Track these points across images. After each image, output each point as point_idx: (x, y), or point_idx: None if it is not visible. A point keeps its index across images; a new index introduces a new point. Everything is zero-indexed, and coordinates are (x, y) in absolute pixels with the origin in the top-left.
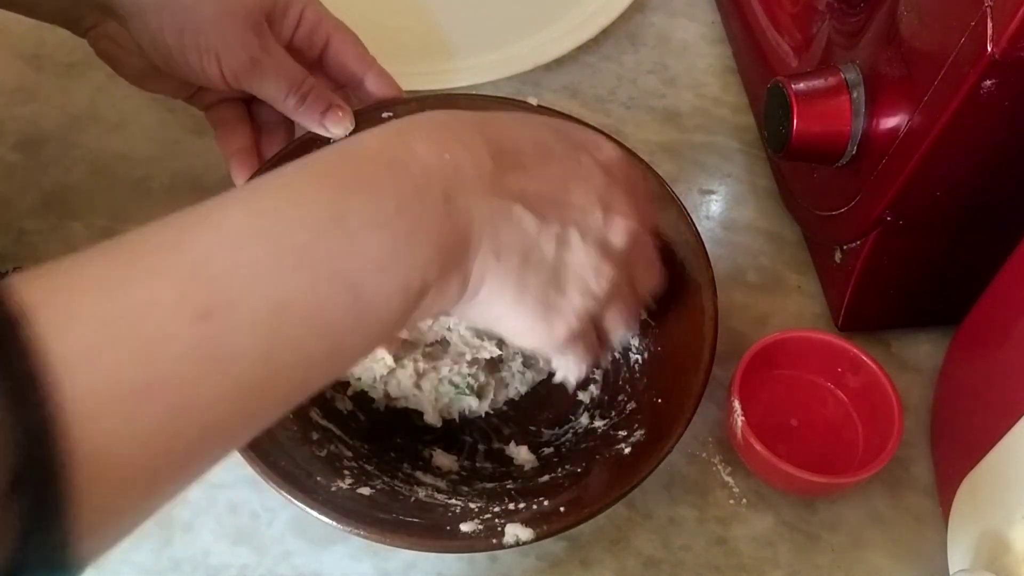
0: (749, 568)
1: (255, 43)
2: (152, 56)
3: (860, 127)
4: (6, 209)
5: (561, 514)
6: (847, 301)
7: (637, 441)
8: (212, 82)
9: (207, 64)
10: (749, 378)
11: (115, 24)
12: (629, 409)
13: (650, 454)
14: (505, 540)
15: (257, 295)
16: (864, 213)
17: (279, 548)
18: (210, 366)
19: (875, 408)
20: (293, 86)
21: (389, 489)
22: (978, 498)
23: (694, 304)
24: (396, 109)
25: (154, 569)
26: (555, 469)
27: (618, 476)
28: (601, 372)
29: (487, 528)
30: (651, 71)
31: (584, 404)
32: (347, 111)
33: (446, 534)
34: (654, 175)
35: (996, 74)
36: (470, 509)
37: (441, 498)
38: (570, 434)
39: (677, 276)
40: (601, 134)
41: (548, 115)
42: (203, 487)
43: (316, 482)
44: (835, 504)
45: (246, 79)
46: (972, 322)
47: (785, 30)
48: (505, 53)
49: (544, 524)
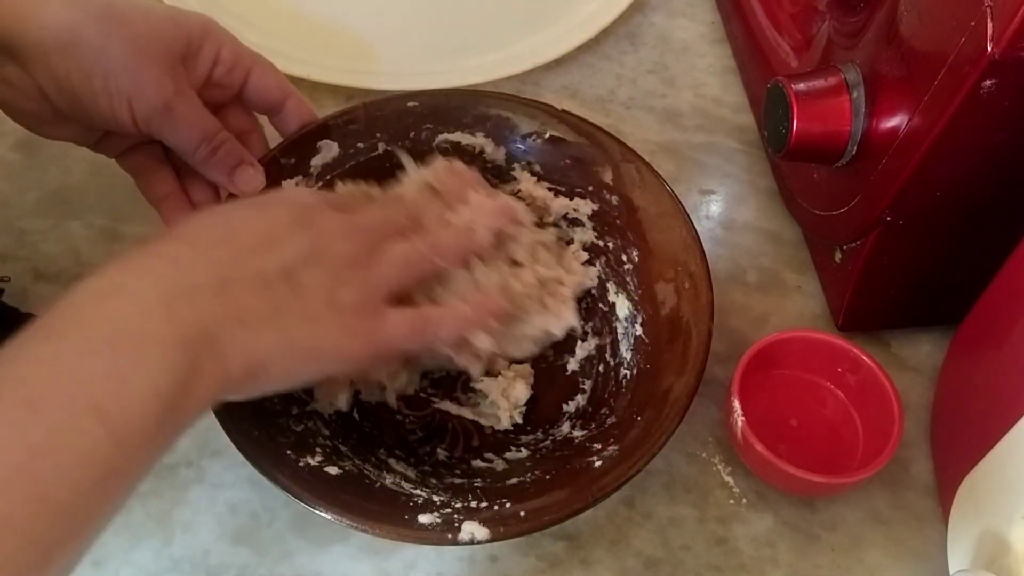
0: (749, 568)
1: (169, 87)
2: (56, 101)
3: (860, 127)
4: (6, 209)
5: (520, 519)
6: (847, 301)
7: (609, 456)
8: (122, 127)
9: (118, 109)
10: (749, 378)
11: (13, 67)
12: (609, 423)
13: (619, 471)
14: (460, 536)
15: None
16: (864, 213)
17: (279, 548)
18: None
19: (875, 408)
20: (205, 137)
21: (357, 472)
22: (978, 498)
23: (686, 327)
24: (420, 98)
25: (154, 569)
26: (525, 473)
27: (584, 489)
28: (590, 383)
29: (445, 522)
30: (651, 71)
31: (569, 413)
32: (258, 168)
33: (403, 522)
34: (655, 175)
35: (996, 74)
36: (433, 501)
37: (407, 487)
38: (549, 441)
39: (680, 294)
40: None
41: (570, 119)
42: (203, 487)
43: (285, 455)
44: (835, 504)
45: (157, 125)
46: (972, 322)
47: (785, 30)
48: (505, 53)
49: (502, 526)
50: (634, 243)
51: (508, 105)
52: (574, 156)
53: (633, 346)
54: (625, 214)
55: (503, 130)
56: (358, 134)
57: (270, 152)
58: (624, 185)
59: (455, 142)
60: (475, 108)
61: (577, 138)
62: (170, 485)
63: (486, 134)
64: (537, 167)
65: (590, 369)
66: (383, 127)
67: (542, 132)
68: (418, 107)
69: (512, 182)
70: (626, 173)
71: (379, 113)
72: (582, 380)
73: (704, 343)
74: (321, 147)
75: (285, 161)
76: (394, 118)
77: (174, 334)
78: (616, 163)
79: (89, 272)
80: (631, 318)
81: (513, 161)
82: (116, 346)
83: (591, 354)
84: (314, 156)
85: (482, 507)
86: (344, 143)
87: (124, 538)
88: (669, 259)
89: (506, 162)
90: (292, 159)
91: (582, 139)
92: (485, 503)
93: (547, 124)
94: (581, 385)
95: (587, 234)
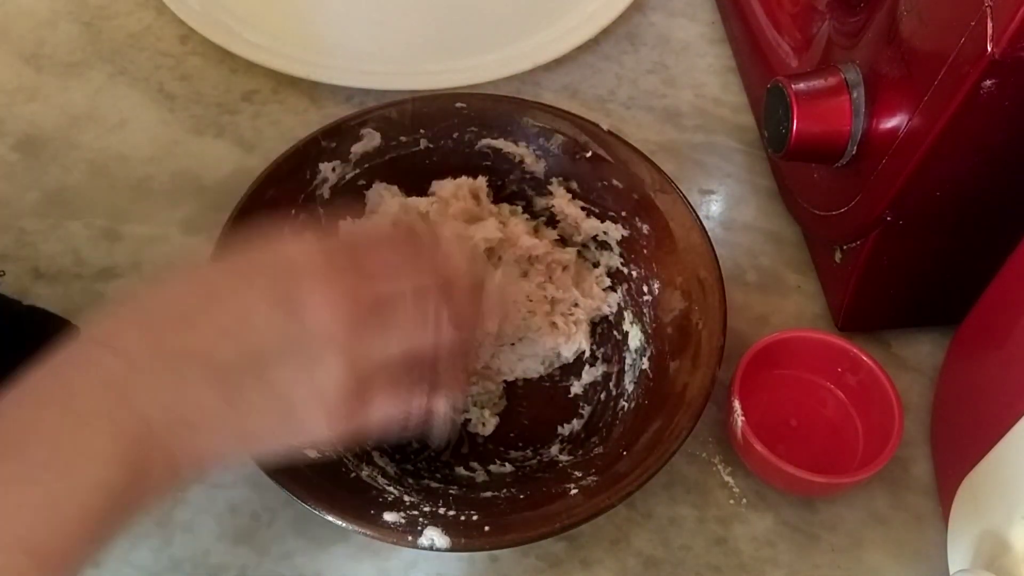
0: (749, 568)
1: None
2: None
3: (860, 127)
4: (6, 209)
5: (484, 533)
6: (847, 301)
7: (586, 486)
8: None
9: None
10: (749, 378)
11: None
12: (595, 452)
13: (593, 503)
14: (420, 541)
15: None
16: (864, 213)
17: (279, 548)
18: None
19: (875, 408)
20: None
21: (336, 459)
22: (978, 498)
23: (686, 369)
24: (467, 100)
25: (154, 569)
26: (501, 489)
27: (554, 516)
28: (590, 408)
29: (409, 523)
30: (651, 71)
31: (562, 436)
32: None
33: (367, 516)
34: (660, 173)
35: (996, 74)
36: (402, 501)
37: (381, 482)
38: (535, 460)
39: (684, 329)
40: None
41: (613, 140)
42: (203, 487)
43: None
44: (835, 504)
45: None
46: (972, 322)
47: (785, 30)
48: (505, 53)
49: (464, 537)
50: (657, 275)
51: (555, 119)
52: (612, 178)
53: (637, 379)
54: (653, 244)
55: (546, 143)
56: (402, 127)
57: (313, 133)
58: (658, 215)
59: (497, 148)
60: (521, 117)
61: (618, 161)
62: None
63: (528, 144)
64: (574, 184)
65: (592, 395)
66: (428, 124)
67: (584, 150)
68: (465, 109)
69: (547, 196)
70: (661, 203)
71: (426, 110)
72: (582, 405)
73: (705, 389)
74: (364, 135)
75: (326, 144)
76: (440, 117)
77: (113, 449)
78: (654, 192)
79: (42, 358)
80: (641, 350)
81: (551, 175)
82: (50, 469)
83: (596, 380)
84: (356, 143)
85: (449, 515)
86: (387, 134)
87: (124, 539)
88: (686, 293)
89: (544, 175)
90: (333, 143)
91: (623, 163)
92: (453, 512)
93: (591, 142)
94: (580, 410)
95: (614, 259)
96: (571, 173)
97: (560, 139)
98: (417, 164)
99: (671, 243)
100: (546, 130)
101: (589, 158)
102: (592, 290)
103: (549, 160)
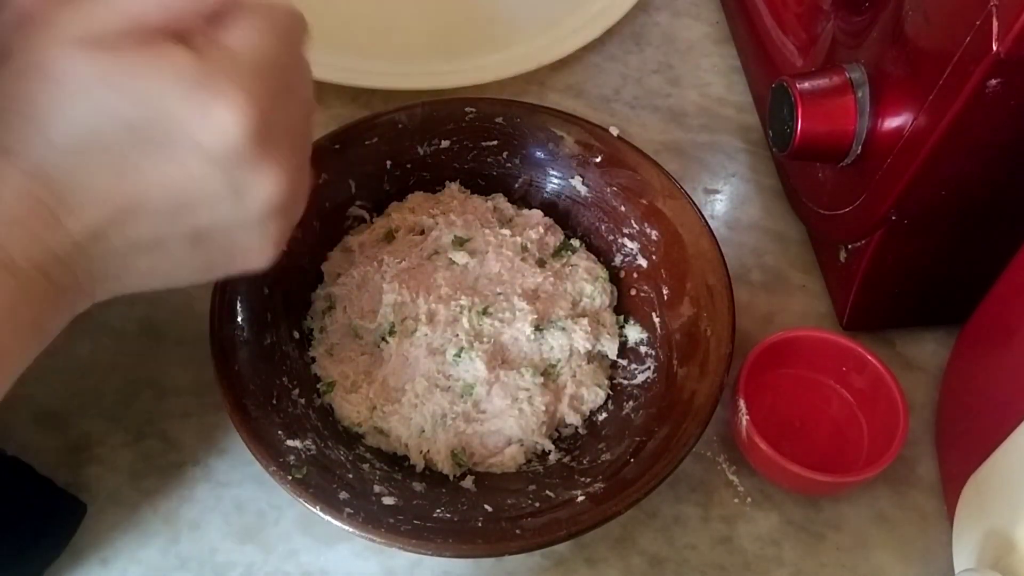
0: (754, 567)
1: None
2: None
3: (865, 126)
4: None
5: (490, 540)
6: (852, 300)
7: (593, 492)
8: None
9: None
10: (754, 377)
11: None
12: (603, 459)
13: (599, 510)
14: (425, 546)
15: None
16: (869, 212)
17: (285, 546)
18: None
19: (880, 407)
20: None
21: (337, 459)
22: (983, 497)
23: (694, 376)
24: (477, 105)
25: (161, 567)
26: (505, 495)
27: (561, 521)
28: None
29: (413, 529)
30: (656, 71)
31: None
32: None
33: (371, 519)
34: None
35: (1001, 73)
36: (407, 505)
37: (385, 486)
38: (539, 467)
39: (698, 344)
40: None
41: (622, 146)
42: (210, 485)
43: (276, 434)
44: (840, 503)
45: None
46: (977, 321)
47: (790, 30)
48: (510, 53)
49: (469, 544)
50: (665, 281)
51: (563, 123)
52: (621, 183)
53: (644, 385)
54: (662, 250)
55: (553, 147)
56: (412, 132)
57: (318, 140)
58: (666, 221)
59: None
60: (530, 122)
61: (628, 167)
62: (177, 483)
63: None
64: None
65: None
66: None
67: (592, 155)
68: (474, 113)
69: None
70: (670, 209)
71: (436, 114)
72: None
73: (713, 397)
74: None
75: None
76: (449, 121)
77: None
78: (663, 198)
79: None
80: (648, 357)
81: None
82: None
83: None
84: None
85: (455, 521)
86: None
87: (131, 536)
88: (694, 300)
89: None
90: (338, 146)
91: (632, 168)
92: (459, 518)
93: (598, 147)
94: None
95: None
96: (582, 175)
97: (570, 143)
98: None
99: (680, 249)
100: (554, 135)
101: (599, 163)
102: (604, 337)
103: (555, 164)
